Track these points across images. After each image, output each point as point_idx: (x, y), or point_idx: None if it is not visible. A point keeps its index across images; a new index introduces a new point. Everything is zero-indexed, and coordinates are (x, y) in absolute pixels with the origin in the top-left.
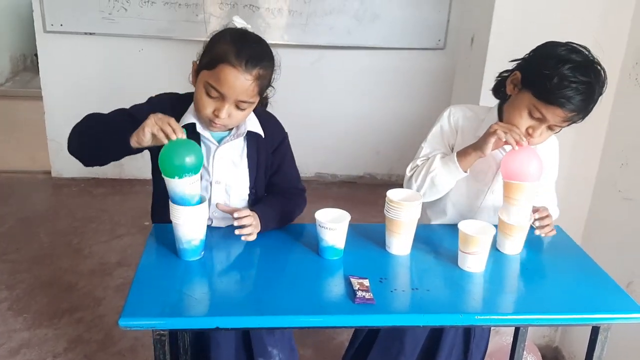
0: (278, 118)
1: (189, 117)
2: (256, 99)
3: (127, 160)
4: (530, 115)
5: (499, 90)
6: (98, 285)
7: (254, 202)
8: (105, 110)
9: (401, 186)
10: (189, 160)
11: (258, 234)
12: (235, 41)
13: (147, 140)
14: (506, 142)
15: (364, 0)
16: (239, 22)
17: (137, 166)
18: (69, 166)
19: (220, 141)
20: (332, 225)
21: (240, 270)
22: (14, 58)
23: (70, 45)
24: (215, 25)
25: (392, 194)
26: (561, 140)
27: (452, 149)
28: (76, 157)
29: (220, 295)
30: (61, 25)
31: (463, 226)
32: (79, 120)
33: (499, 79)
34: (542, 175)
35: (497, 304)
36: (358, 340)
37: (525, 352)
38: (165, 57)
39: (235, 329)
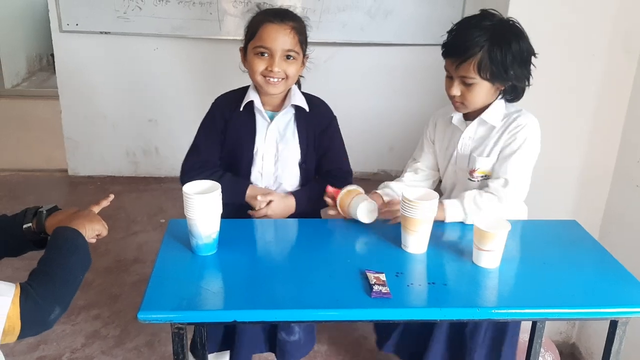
0: None
1: (249, 96)
2: (300, 51)
3: (142, 158)
4: (448, 78)
5: None
6: (114, 282)
7: (305, 180)
8: (126, 107)
9: None
10: None
11: (280, 224)
12: (267, 9)
13: None
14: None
15: None
16: None
17: (153, 164)
18: (85, 164)
19: (272, 119)
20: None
21: (257, 264)
22: (30, 58)
23: (86, 45)
24: (229, 24)
25: (408, 192)
26: (578, 135)
27: (434, 142)
28: None
29: (237, 289)
30: (77, 24)
31: (478, 222)
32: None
33: None
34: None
35: (515, 298)
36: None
37: (542, 349)
38: (180, 55)
39: None
